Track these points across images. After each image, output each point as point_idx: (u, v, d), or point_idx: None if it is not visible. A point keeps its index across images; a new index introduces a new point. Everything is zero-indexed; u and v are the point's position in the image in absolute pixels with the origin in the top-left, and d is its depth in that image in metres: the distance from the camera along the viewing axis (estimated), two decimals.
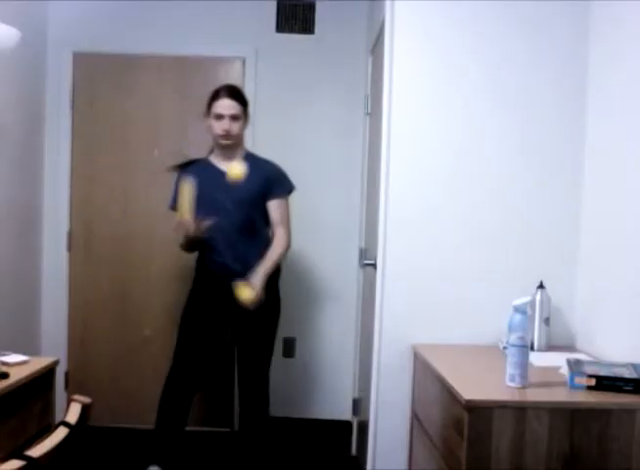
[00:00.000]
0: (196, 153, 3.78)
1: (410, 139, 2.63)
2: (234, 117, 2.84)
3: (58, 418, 1.79)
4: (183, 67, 3.78)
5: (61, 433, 1.39)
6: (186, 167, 2.97)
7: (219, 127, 2.84)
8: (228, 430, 3.75)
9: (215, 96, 2.88)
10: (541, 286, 2.54)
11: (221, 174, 2.83)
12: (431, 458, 2.27)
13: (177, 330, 2.96)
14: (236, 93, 2.91)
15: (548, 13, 2.60)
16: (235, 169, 2.73)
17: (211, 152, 3.00)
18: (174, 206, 2.89)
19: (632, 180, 2.23)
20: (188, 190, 2.73)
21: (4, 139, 3.22)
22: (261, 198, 2.91)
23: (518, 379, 1.95)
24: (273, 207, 2.92)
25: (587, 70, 2.60)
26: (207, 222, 2.76)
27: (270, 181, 2.91)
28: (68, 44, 3.72)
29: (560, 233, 2.63)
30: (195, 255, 2.99)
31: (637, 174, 2.20)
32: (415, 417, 2.56)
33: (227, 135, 2.85)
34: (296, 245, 3.80)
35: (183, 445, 3.00)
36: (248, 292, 2.74)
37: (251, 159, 2.96)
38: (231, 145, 2.90)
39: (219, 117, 2.84)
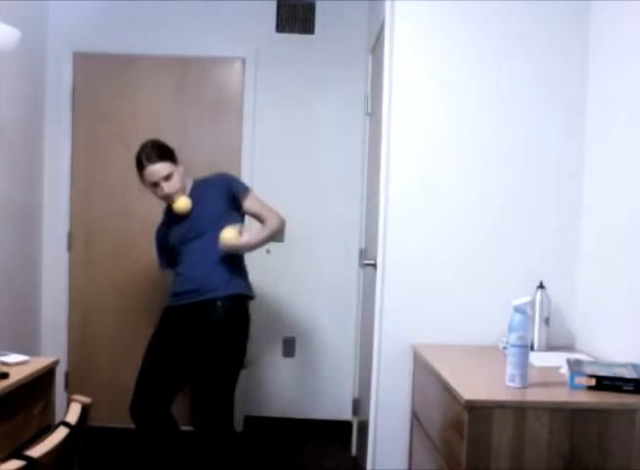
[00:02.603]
0: (196, 153, 3.79)
1: (410, 139, 2.63)
2: (167, 177, 2.75)
3: (58, 418, 1.79)
4: (183, 67, 3.78)
5: (61, 433, 1.39)
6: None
7: (160, 194, 2.77)
8: None
9: (140, 166, 2.77)
10: (541, 286, 2.55)
11: (175, 213, 2.82)
12: (431, 458, 2.27)
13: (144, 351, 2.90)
14: (157, 153, 2.77)
15: (549, 12, 2.60)
16: (180, 205, 2.76)
17: None
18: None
19: (632, 180, 2.23)
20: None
21: (4, 139, 3.22)
22: (228, 210, 2.81)
23: (518, 379, 1.95)
24: (250, 204, 2.87)
25: (588, 71, 2.60)
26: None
27: (227, 189, 2.84)
28: (68, 44, 3.72)
29: (560, 233, 2.64)
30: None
31: (637, 174, 2.20)
32: (415, 417, 2.56)
33: (171, 197, 2.77)
34: (296, 245, 3.82)
35: (180, 445, 2.99)
36: (231, 233, 2.67)
37: (200, 184, 2.90)
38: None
39: (154, 184, 2.76)
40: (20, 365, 2.15)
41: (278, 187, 3.80)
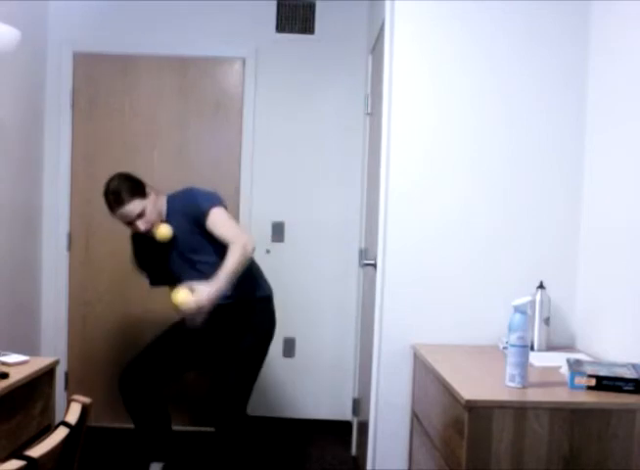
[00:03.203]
0: (196, 153, 3.79)
1: (410, 139, 2.63)
2: (140, 215, 2.67)
3: (58, 418, 1.79)
4: (183, 67, 3.78)
5: (61, 433, 1.39)
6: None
7: (137, 230, 2.72)
8: None
9: (110, 208, 2.68)
10: (541, 286, 2.54)
11: (151, 238, 2.77)
12: (431, 458, 2.27)
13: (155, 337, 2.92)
14: (124, 193, 2.65)
15: (550, 12, 2.60)
16: (162, 232, 2.70)
17: None
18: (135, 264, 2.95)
19: (632, 180, 2.23)
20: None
21: (4, 139, 3.22)
22: (195, 227, 2.70)
23: (518, 379, 1.95)
24: (211, 225, 2.66)
25: (588, 71, 2.60)
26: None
27: (189, 207, 2.70)
28: (69, 44, 3.72)
29: (560, 233, 2.64)
30: None
31: (637, 175, 2.20)
32: (415, 417, 2.56)
33: (148, 230, 2.71)
34: (296, 245, 3.83)
35: (176, 439, 2.98)
36: (183, 295, 2.52)
37: (173, 202, 2.78)
38: None
39: (129, 223, 2.71)
40: (20, 365, 2.15)
41: (278, 187, 3.80)
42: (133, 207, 2.66)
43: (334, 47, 3.79)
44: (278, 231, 3.82)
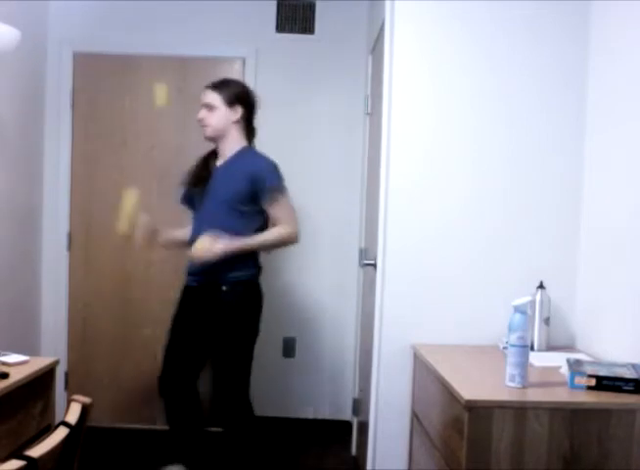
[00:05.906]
0: (196, 153, 3.79)
1: (410, 139, 2.63)
2: (208, 107, 2.77)
3: (58, 418, 1.79)
4: (183, 67, 3.78)
5: (61, 433, 1.39)
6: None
7: (198, 117, 2.81)
8: None
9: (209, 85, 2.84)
10: (541, 286, 2.55)
11: (210, 173, 2.81)
12: (431, 458, 2.27)
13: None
14: (219, 84, 2.80)
15: (550, 13, 2.60)
16: (199, 248, 2.63)
17: None
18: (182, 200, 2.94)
19: (632, 180, 2.23)
20: (129, 199, 2.67)
21: (4, 139, 3.22)
22: (246, 200, 2.72)
23: (518, 379, 1.95)
24: (270, 207, 2.75)
25: (588, 71, 2.60)
26: (160, 237, 2.82)
27: (256, 180, 2.71)
28: (69, 44, 3.72)
29: (560, 233, 2.64)
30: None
31: (637, 174, 2.20)
32: (415, 417, 2.56)
33: (201, 124, 2.80)
34: (296, 244, 3.82)
35: (204, 443, 2.97)
36: (203, 242, 2.59)
37: (241, 157, 2.82)
38: (214, 138, 2.82)
39: (202, 106, 2.81)
40: (20, 365, 2.15)
41: None
42: (211, 96, 2.78)
43: (334, 47, 3.79)
44: None
